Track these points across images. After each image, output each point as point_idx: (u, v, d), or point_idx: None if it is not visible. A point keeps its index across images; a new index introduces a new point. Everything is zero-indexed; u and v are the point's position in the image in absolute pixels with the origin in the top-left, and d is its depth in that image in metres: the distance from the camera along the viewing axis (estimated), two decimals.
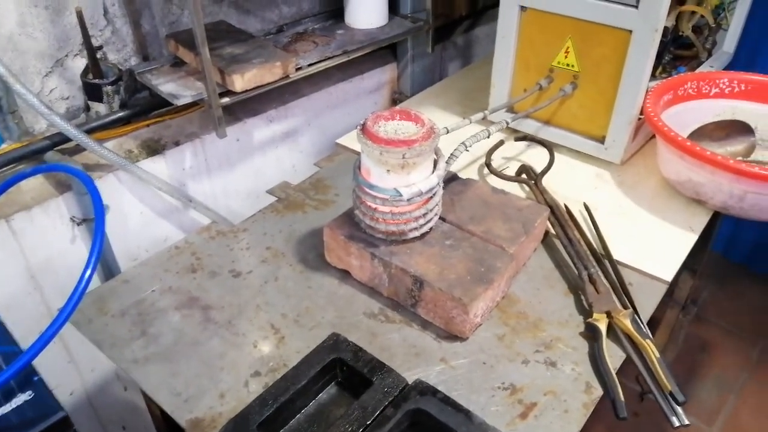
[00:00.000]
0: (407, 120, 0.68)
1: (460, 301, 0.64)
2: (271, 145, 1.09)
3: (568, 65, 0.93)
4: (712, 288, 1.78)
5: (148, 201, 0.94)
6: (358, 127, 0.67)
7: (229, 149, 1.01)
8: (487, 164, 0.91)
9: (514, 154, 0.98)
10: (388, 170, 0.66)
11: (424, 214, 0.70)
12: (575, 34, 0.90)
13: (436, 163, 0.70)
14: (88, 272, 0.54)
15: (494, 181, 0.91)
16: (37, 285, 0.85)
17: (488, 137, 0.81)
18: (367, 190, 0.68)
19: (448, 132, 0.78)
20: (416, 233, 0.71)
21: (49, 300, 0.87)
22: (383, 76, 1.24)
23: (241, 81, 0.85)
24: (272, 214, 0.87)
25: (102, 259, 0.90)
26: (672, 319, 1.41)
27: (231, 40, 0.94)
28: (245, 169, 1.06)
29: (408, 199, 0.67)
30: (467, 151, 0.78)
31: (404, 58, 1.24)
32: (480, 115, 0.83)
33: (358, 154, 0.68)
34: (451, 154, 0.77)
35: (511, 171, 0.93)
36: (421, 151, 0.64)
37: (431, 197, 0.69)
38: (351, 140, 1.04)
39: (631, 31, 0.84)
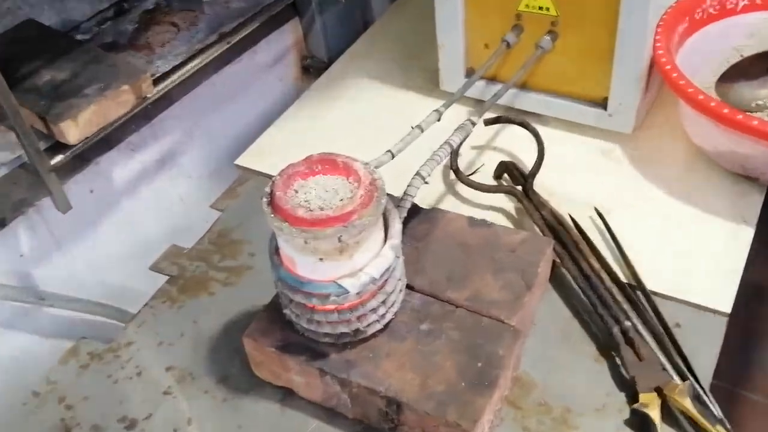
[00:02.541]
0: (334, 173, 0.59)
1: (457, 426, 0.59)
2: (142, 181, 0.98)
3: (541, 8, 0.85)
4: None
5: None
6: (264, 200, 0.58)
7: (82, 206, 0.90)
8: (454, 169, 0.84)
9: (486, 142, 0.91)
10: (321, 258, 0.58)
11: (384, 301, 0.62)
12: None
13: (386, 221, 0.62)
14: None
15: (466, 192, 0.84)
16: None
17: (450, 152, 0.74)
18: (296, 287, 0.60)
19: (393, 157, 0.70)
20: (378, 326, 0.64)
21: None
22: (284, 40, 1.13)
23: (76, 129, 0.74)
24: (165, 307, 0.78)
25: None
26: None
27: (48, 55, 0.81)
28: (113, 224, 0.95)
29: (357, 293, 0.59)
30: (426, 183, 0.70)
31: (308, 8, 1.12)
32: (434, 117, 0.75)
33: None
34: (405, 194, 0.69)
35: (488, 172, 0.86)
36: (363, 226, 0.56)
37: (390, 276, 0.62)
38: (256, 158, 0.94)
39: None
